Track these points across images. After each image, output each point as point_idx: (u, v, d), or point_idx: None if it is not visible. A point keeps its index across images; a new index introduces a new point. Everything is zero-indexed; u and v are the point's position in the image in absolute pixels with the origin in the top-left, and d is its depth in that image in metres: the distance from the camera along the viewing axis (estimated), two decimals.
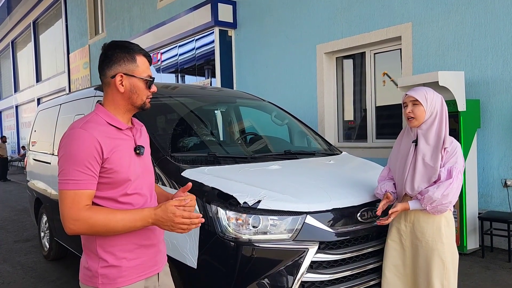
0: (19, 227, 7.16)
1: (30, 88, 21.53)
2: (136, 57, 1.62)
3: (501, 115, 4.85)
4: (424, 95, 2.40)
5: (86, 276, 1.61)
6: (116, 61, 1.61)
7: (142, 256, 1.64)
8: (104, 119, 1.60)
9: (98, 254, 1.57)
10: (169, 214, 1.50)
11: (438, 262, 2.37)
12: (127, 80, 1.61)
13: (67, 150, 1.51)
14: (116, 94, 1.63)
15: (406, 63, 5.75)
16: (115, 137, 1.59)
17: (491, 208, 4.94)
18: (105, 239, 1.57)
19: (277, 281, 2.28)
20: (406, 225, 2.50)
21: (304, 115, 6.37)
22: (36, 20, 20.82)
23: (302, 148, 3.88)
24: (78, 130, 1.53)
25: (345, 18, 6.48)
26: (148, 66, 1.67)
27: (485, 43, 4.94)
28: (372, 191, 2.74)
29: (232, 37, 8.60)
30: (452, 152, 2.37)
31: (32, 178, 5.44)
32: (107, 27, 13.91)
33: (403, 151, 2.54)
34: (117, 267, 1.58)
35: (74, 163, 1.49)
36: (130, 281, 1.60)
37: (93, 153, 1.51)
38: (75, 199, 1.48)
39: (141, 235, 1.63)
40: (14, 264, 4.99)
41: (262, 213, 2.35)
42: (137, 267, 1.63)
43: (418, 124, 2.43)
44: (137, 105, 1.66)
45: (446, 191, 2.29)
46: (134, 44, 1.67)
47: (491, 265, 4.36)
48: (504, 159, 4.86)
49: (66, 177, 1.49)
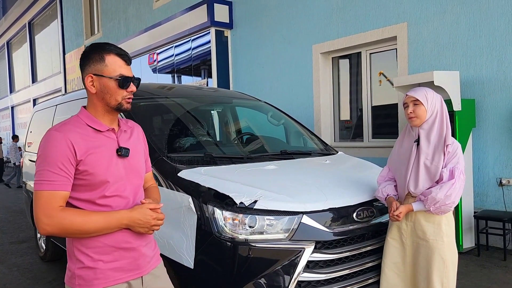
0: (15, 228, 7.13)
1: (26, 89, 21.45)
2: (105, 56, 1.60)
3: (496, 115, 4.88)
4: (424, 94, 2.43)
5: (67, 277, 1.63)
6: (86, 63, 1.62)
7: (120, 259, 1.61)
8: (84, 121, 1.61)
9: (75, 255, 1.59)
10: (147, 216, 1.54)
11: (439, 260, 2.40)
12: (98, 81, 1.60)
13: (42, 152, 1.52)
14: (92, 96, 1.63)
15: (401, 63, 5.77)
16: (93, 139, 1.59)
17: (486, 207, 4.97)
18: (81, 240, 1.57)
19: (273, 280, 2.29)
20: (407, 224, 2.52)
21: (300, 115, 6.37)
22: (31, 21, 20.73)
23: (298, 148, 3.89)
24: (53, 132, 1.54)
25: (340, 18, 6.50)
26: (122, 65, 1.63)
27: (480, 43, 4.96)
28: (368, 191, 2.75)
29: (228, 37, 8.60)
30: (453, 152, 2.40)
31: (29, 179, 5.42)
32: (103, 28, 13.87)
33: (404, 151, 2.56)
34: (92, 269, 1.57)
35: (48, 164, 1.50)
36: (107, 284, 1.59)
37: (67, 154, 1.51)
38: (48, 200, 1.48)
39: (119, 238, 1.60)
40: (10, 266, 4.98)
41: (259, 213, 2.36)
42: (115, 269, 1.60)
43: (420, 123, 2.46)
44: (112, 105, 1.63)
45: (449, 192, 2.31)
46: (107, 44, 1.65)
47: (487, 264, 4.39)
48: (499, 158, 4.88)
49: (40, 178, 1.50)
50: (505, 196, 4.82)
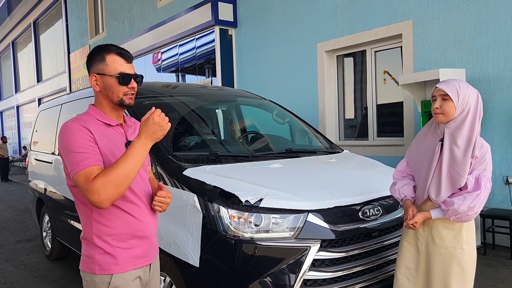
0: (21, 227, 7.17)
1: (31, 88, 21.55)
2: (105, 56, 1.72)
3: (502, 113, 4.85)
4: (456, 89, 2.11)
5: (85, 263, 1.71)
6: (90, 63, 1.75)
7: (136, 246, 1.73)
8: (95, 116, 1.72)
9: (94, 242, 1.68)
10: (150, 122, 1.58)
11: (458, 269, 2.19)
12: (101, 80, 1.72)
13: (64, 143, 1.61)
14: (97, 94, 1.76)
15: (407, 61, 5.74)
16: (106, 132, 1.70)
17: (493, 205, 4.94)
18: (100, 228, 1.67)
19: (279, 279, 2.28)
20: (424, 229, 2.30)
21: (305, 114, 6.35)
22: (36, 20, 20.82)
23: (303, 147, 3.88)
24: (71, 123, 1.64)
25: (345, 16, 6.47)
26: (122, 63, 1.72)
27: (486, 40, 4.93)
28: (374, 189, 2.73)
29: (232, 36, 8.59)
30: (481, 157, 2.13)
31: (34, 178, 5.45)
32: (107, 27, 13.91)
33: (426, 150, 2.28)
34: (112, 255, 1.68)
35: (74, 149, 1.58)
36: (124, 269, 1.70)
37: (89, 139, 1.61)
38: (87, 176, 1.54)
39: (135, 227, 1.72)
40: (17, 264, 5.00)
41: (264, 211, 2.36)
42: (131, 256, 1.72)
43: (445, 120, 2.15)
44: (115, 101, 1.73)
45: (473, 203, 2.08)
46: (109, 45, 1.77)
47: (493, 263, 4.36)
48: (506, 156, 4.85)
49: (73, 164, 1.57)
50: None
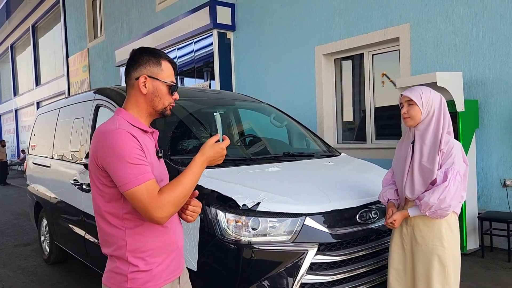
0: (19, 231, 7.16)
1: (29, 92, 21.54)
2: (161, 62, 1.65)
3: (499, 115, 4.86)
4: (419, 94, 2.33)
5: (113, 279, 1.60)
6: (141, 64, 1.64)
7: (168, 260, 1.65)
8: (129, 121, 1.60)
9: (128, 259, 1.57)
10: (217, 150, 1.63)
11: (439, 267, 2.29)
12: (151, 83, 1.63)
13: (115, 152, 1.49)
14: (139, 96, 1.65)
15: (404, 64, 5.76)
16: (143, 139, 1.60)
17: (490, 208, 4.95)
18: (137, 246, 1.57)
19: (277, 283, 2.29)
20: (407, 229, 2.43)
21: (303, 117, 6.37)
22: (35, 24, 20.84)
23: (301, 150, 3.89)
24: (116, 130, 1.52)
25: (343, 20, 6.50)
26: (173, 73, 1.69)
27: (482, 43, 4.95)
28: (371, 192, 2.74)
29: (230, 40, 8.61)
30: (448, 152, 2.28)
31: (32, 182, 5.44)
32: (106, 30, 13.92)
33: (402, 154, 2.47)
34: (147, 272, 1.58)
35: (130, 159, 1.48)
36: (158, 285, 1.61)
37: (138, 147, 1.52)
38: (149, 190, 1.48)
39: (169, 240, 1.64)
40: (15, 268, 4.99)
41: (262, 215, 2.36)
42: (165, 271, 1.64)
43: (413, 124, 2.37)
44: (158, 109, 1.66)
45: (442, 195, 2.20)
46: (161, 51, 1.71)
47: (491, 265, 4.36)
48: (503, 159, 4.87)
49: (129, 176, 1.47)
50: (509, 197, 4.80)
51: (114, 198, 1.56)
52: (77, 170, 3.86)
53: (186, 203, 1.71)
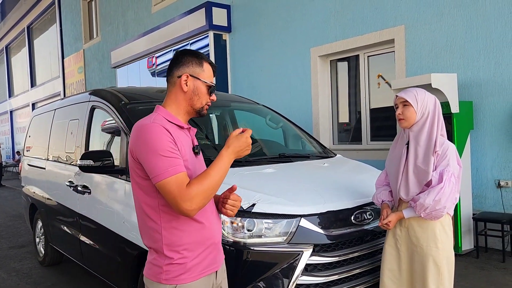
0: (13, 233, 7.12)
1: (24, 93, 21.44)
2: (203, 63, 1.75)
3: (493, 117, 4.89)
4: (414, 96, 2.35)
5: (151, 271, 1.69)
6: (185, 63, 1.73)
7: (204, 254, 1.70)
8: (165, 117, 1.68)
9: (164, 252, 1.64)
10: (243, 140, 1.66)
11: (433, 267, 2.31)
12: (192, 82, 1.72)
13: (148, 145, 1.56)
14: (180, 94, 1.73)
15: (399, 66, 5.79)
16: (179, 134, 1.67)
17: (485, 209, 4.98)
18: (172, 239, 1.64)
19: (272, 284, 2.29)
20: (401, 230, 2.44)
21: (299, 118, 6.38)
22: (30, 25, 20.76)
23: (296, 151, 3.89)
24: (150, 124, 1.60)
25: (338, 21, 6.52)
26: (212, 75, 1.78)
27: (477, 45, 4.98)
28: (367, 193, 2.75)
29: (226, 41, 8.62)
30: (443, 154, 2.30)
31: (27, 184, 5.42)
32: (101, 32, 13.89)
33: (396, 155, 2.49)
34: (181, 265, 1.65)
35: (162, 152, 1.54)
36: (192, 278, 1.67)
37: (171, 140, 1.58)
38: (178, 183, 1.53)
39: (205, 235, 1.70)
40: (9, 271, 4.97)
41: (257, 216, 2.37)
42: (199, 264, 1.69)
43: (408, 125, 2.38)
44: (196, 107, 1.74)
45: (437, 197, 2.22)
46: (202, 54, 1.81)
47: (486, 266, 4.39)
48: (497, 160, 4.89)
49: (161, 168, 1.53)
50: (504, 198, 4.83)
51: (150, 191, 1.62)
52: (73, 172, 3.85)
53: (226, 197, 1.79)
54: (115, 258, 3.14)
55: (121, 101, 3.38)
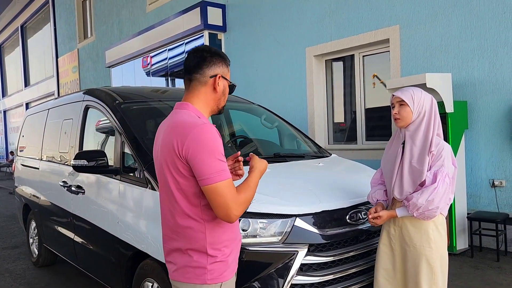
0: (7, 233, 7.07)
1: (18, 93, 21.31)
2: (228, 64, 1.83)
3: (488, 116, 4.91)
4: (411, 95, 2.34)
5: (190, 274, 1.66)
6: (216, 63, 1.76)
7: (236, 250, 1.78)
8: (198, 116, 1.70)
9: (208, 252, 1.64)
10: (264, 162, 1.82)
11: (426, 267, 2.31)
12: (222, 82, 1.77)
13: (206, 146, 1.56)
14: (210, 94, 1.76)
15: (394, 65, 5.80)
16: None
17: (479, 208, 5.00)
18: (215, 237, 1.66)
19: (267, 284, 2.28)
20: (395, 229, 2.44)
21: (294, 118, 6.38)
22: (24, 24, 20.62)
23: (291, 151, 3.89)
24: (208, 125, 1.62)
25: (333, 21, 6.52)
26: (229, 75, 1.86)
27: (471, 45, 5.00)
28: (361, 193, 2.74)
29: (221, 41, 8.60)
30: (438, 154, 2.29)
31: (21, 184, 5.38)
32: (96, 31, 13.83)
33: (391, 154, 2.48)
34: (223, 262, 1.68)
35: (218, 155, 1.58)
36: (231, 275, 1.72)
37: (222, 143, 1.64)
38: (230, 187, 1.58)
39: (237, 231, 1.77)
40: (2, 272, 4.93)
41: (252, 216, 2.35)
42: (234, 260, 1.76)
43: (404, 124, 2.38)
44: (221, 106, 1.81)
45: (430, 197, 2.21)
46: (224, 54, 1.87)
47: (480, 265, 4.41)
48: (492, 159, 4.92)
49: (214, 171, 1.55)
50: (498, 197, 4.85)
51: (192, 190, 1.62)
52: (66, 172, 3.83)
53: None
54: (109, 259, 3.12)
55: (116, 101, 3.36)
